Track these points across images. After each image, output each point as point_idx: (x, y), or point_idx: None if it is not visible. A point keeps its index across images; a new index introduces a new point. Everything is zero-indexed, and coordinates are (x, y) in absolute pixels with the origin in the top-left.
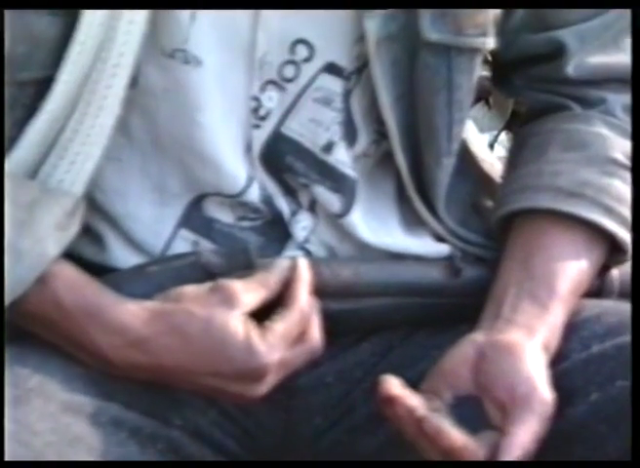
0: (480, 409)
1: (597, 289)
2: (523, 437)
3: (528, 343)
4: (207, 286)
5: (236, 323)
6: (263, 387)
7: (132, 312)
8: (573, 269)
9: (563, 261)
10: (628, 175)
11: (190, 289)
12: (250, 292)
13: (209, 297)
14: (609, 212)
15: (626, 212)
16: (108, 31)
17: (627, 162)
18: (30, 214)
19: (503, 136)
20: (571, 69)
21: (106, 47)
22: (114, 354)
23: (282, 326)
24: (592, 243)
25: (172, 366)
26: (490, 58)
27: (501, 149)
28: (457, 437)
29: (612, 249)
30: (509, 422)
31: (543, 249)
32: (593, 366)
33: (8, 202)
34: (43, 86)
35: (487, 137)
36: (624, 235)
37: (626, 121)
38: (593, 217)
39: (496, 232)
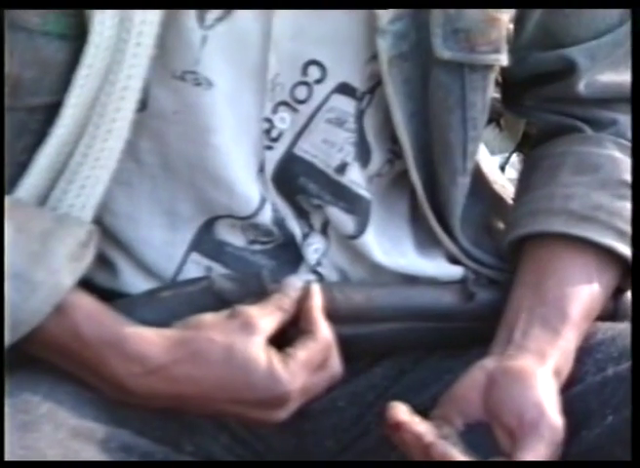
0: (490, 435)
1: (611, 311)
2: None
3: (538, 369)
4: (224, 313)
5: (257, 350)
6: (284, 413)
7: (151, 340)
8: (585, 294)
9: (575, 286)
10: None
11: (209, 316)
12: (267, 317)
13: (228, 324)
14: (621, 235)
15: None
16: (116, 54)
17: None
18: (44, 245)
19: (515, 158)
20: (582, 88)
21: (114, 70)
22: (134, 383)
23: (304, 353)
24: (605, 267)
25: (192, 393)
26: (500, 78)
27: (513, 171)
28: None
29: (624, 272)
30: (517, 448)
31: (555, 273)
32: (609, 388)
33: (20, 232)
34: (52, 111)
35: (498, 160)
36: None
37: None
38: (606, 242)
39: (507, 255)
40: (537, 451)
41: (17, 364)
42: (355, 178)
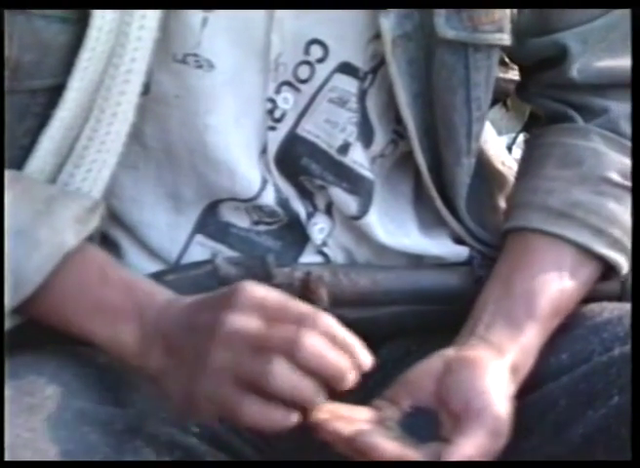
0: (435, 421)
1: (618, 293)
2: (466, 449)
3: (494, 361)
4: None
5: None
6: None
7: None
8: (554, 289)
9: (545, 281)
10: (623, 194)
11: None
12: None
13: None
14: (599, 233)
15: (618, 232)
16: (119, 37)
17: (622, 180)
18: (48, 207)
19: (522, 138)
20: (575, 73)
21: (118, 53)
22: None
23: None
24: (580, 264)
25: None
26: (507, 59)
27: (520, 151)
28: (391, 449)
29: (604, 269)
30: (458, 433)
31: (526, 267)
32: (615, 368)
33: (25, 193)
34: (54, 94)
35: (505, 140)
36: (615, 256)
37: (628, 134)
38: (581, 240)
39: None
40: (475, 438)
41: (22, 346)
42: (358, 159)
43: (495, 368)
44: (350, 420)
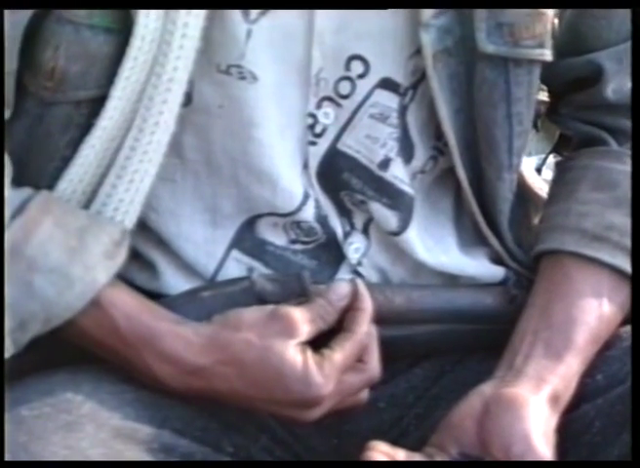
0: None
1: None
2: None
3: (532, 398)
4: (266, 311)
5: (294, 353)
6: (317, 412)
7: (188, 341)
8: (593, 317)
9: (583, 310)
10: None
11: (248, 314)
12: (307, 323)
13: (267, 325)
14: None
15: None
16: (162, 46)
17: None
18: (81, 241)
19: (552, 160)
20: (610, 93)
21: (160, 62)
22: (171, 380)
23: (341, 356)
24: (617, 287)
25: (228, 392)
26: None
27: (550, 172)
28: None
29: None
30: None
31: (564, 296)
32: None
33: (58, 227)
34: (97, 105)
35: (535, 161)
36: None
37: None
38: (616, 262)
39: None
40: None
41: (59, 364)
42: (398, 174)
43: (534, 406)
44: None
